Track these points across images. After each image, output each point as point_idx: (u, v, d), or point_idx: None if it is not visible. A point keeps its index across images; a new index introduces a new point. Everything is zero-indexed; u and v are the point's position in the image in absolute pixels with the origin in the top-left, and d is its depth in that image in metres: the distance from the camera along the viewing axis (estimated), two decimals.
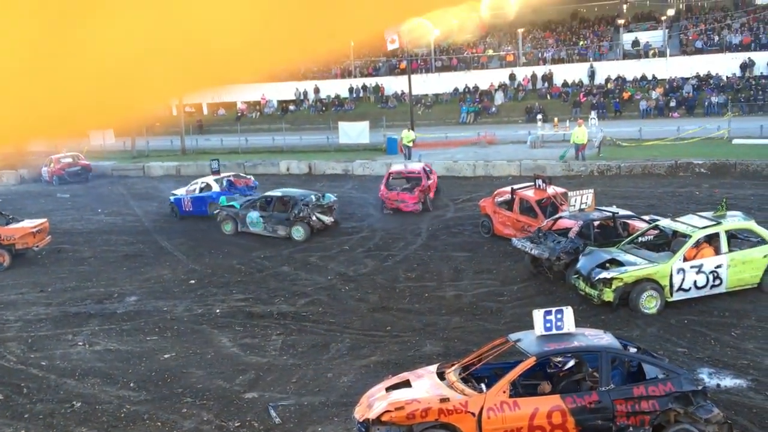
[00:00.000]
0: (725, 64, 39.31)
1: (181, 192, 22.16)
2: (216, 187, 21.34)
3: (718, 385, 8.83)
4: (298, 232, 17.91)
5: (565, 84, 42.70)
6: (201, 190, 21.54)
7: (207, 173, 23.51)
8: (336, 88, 49.40)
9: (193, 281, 15.05)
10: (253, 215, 18.49)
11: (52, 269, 16.62)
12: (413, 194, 20.60)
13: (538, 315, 7.92)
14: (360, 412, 7.64)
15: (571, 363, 8.12)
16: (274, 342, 11.36)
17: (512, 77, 44.60)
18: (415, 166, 22.82)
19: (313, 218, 17.97)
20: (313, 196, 18.66)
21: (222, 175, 22.20)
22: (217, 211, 19.17)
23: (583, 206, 14.28)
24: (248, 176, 22.84)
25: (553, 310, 7.96)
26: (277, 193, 19.42)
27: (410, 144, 28.92)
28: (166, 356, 10.99)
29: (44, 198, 26.91)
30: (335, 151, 33.49)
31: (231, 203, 19.27)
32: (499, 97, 43.60)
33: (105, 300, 13.98)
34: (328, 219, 18.33)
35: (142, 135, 38.55)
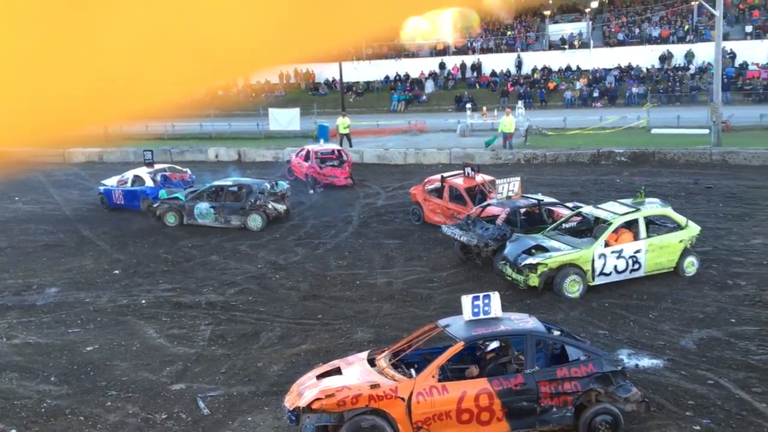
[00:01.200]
0: (645, 56, 40.80)
1: (111, 182, 20.81)
2: (149, 182, 20.05)
3: (637, 366, 9.22)
4: (255, 222, 17.52)
5: (493, 73, 43.42)
6: (133, 183, 20.28)
7: (131, 160, 22.73)
8: (266, 73, 48.68)
9: (117, 271, 14.61)
10: (203, 206, 17.90)
11: None
12: (344, 169, 22.46)
13: (466, 300, 8.07)
14: (290, 401, 7.61)
15: (494, 345, 8.29)
16: (202, 332, 11.17)
17: (442, 66, 45.00)
18: (332, 146, 24.53)
19: (269, 206, 17.66)
20: (267, 184, 18.34)
21: (156, 167, 20.90)
22: (157, 204, 18.45)
23: (510, 194, 14.59)
24: (185, 170, 21.65)
25: (481, 295, 8.12)
26: (227, 182, 18.86)
27: (347, 131, 28.84)
28: (89, 349, 10.65)
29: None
30: (265, 138, 33.06)
31: (174, 195, 18.57)
32: (429, 86, 43.96)
33: (23, 292, 13.41)
34: (281, 207, 18.07)
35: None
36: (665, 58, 40.32)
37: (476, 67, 44.12)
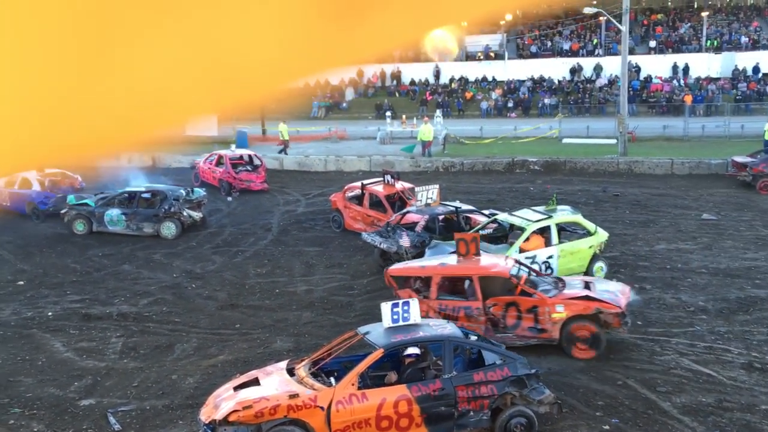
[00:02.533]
0: (557, 69, 42.31)
1: None
2: (36, 186, 19.16)
3: (549, 369, 9.50)
4: (169, 229, 16.98)
5: (412, 82, 43.99)
6: (19, 185, 19.30)
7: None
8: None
9: (21, 282, 13.89)
10: (113, 213, 17.22)
11: None
12: (259, 173, 22.42)
13: (385, 307, 8.11)
14: (206, 414, 7.43)
15: (410, 351, 8.36)
16: (113, 345, 10.76)
17: (360, 74, 45.25)
18: (245, 151, 24.55)
19: (184, 214, 17.15)
20: (182, 191, 17.82)
21: (47, 171, 19.66)
22: (65, 210, 17.60)
23: (429, 201, 14.80)
24: (75, 175, 20.52)
25: (400, 302, 8.19)
26: (140, 188, 18.22)
27: (287, 137, 28.51)
28: None
29: None
30: (181, 143, 32.20)
31: (83, 201, 17.76)
32: (349, 93, 44.08)
33: None
34: (197, 215, 17.58)
35: None
36: (575, 71, 41.94)
37: (396, 76, 44.58)
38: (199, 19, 0.81)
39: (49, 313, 12.09)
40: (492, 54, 44.94)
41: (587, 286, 10.34)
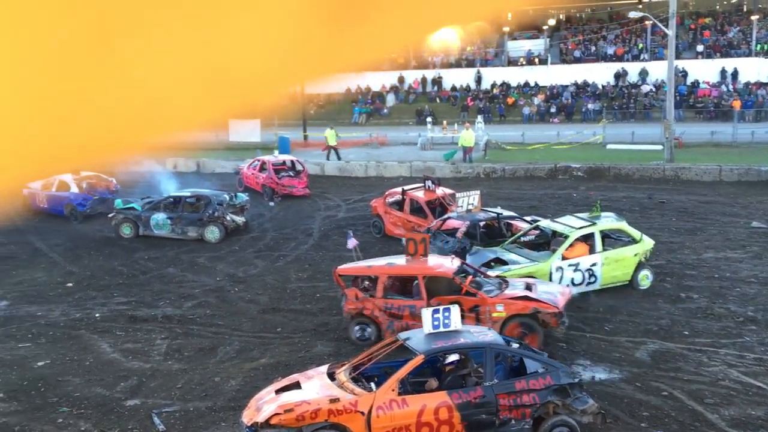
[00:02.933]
0: (601, 73, 41.77)
1: (35, 186, 20.23)
2: (74, 188, 19.93)
3: (593, 377, 9.34)
4: (213, 233, 17.26)
5: (453, 88, 43.90)
6: (57, 188, 20.10)
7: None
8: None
9: (70, 284, 14.26)
10: (159, 217, 17.56)
11: None
12: (301, 179, 22.53)
13: (426, 313, 8.09)
14: (248, 416, 7.51)
15: (453, 358, 8.33)
16: (158, 346, 10.96)
17: (401, 80, 45.31)
18: (287, 157, 24.62)
19: (228, 218, 17.41)
20: (226, 196, 18.12)
21: (82, 174, 20.35)
22: (113, 214, 18.06)
23: (469, 207, 14.73)
24: (110, 179, 21.25)
25: (441, 308, 8.15)
26: (185, 193, 18.57)
27: (335, 143, 28.59)
28: (40, 364, 10.35)
29: None
30: (225, 149, 32.76)
31: (130, 205, 18.19)
32: (390, 99, 44.21)
33: None
34: (240, 219, 17.84)
35: None
36: (620, 76, 41.32)
37: (437, 82, 44.55)
38: (203, 24, 0.82)
39: (97, 315, 12.38)
40: (535, 59, 44.56)
41: (528, 287, 10.61)
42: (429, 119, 36.14)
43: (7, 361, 10.45)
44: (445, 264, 10.95)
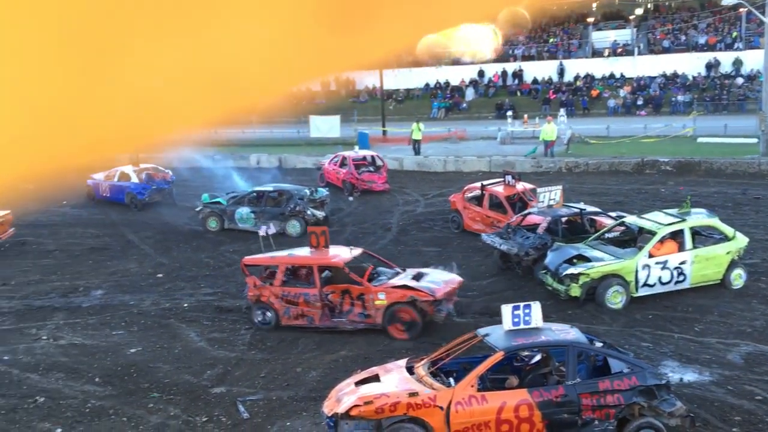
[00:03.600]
0: (691, 64, 40.00)
1: (98, 177, 22.73)
2: (134, 178, 22.04)
3: (681, 379, 9.00)
4: (294, 228, 17.64)
5: (534, 81, 43.07)
6: (119, 178, 22.35)
7: (174, 165, 23.42)
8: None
9: (160, 275, 14.87)
10: (243, 211, 18.12)
11: (15, 262, 16.29)
12: (381, 174, 22.68)
13: (506, 310, 7.99)
14: (329, 407, 7.64)
15: (538, 357, 8.21)
16: (242, 336, 11.29)
17: (481, 74, 44.83)
18: (366, 152, 24.60)
19: (308, 213, 17.78)
20: (307, 191, 18.51)
21: (141, 166, 22.56)
22: (200, 208, 18.78)
23: (551, 202, 14.45)
24: (166, 170, 23.10)
25: (521, 305, 8.03)
26: (268, 188, 19.06)
27: (420, 138, 28.57)
28: (132, 351, 10.86)
29: (5, 189, 26.31)
30: (306, 144, 33.33)
31: (216, 200, 18.86)
32: (469, 93, 43.82)
33: (70, 294, 13.74)
34: (320, 214, 18.17)
35: None
36: (712, 66, 39.48)
37: (517, 75, 43.83)
38: (204, 27, 0.82)
39: (185, 305, 12.87)
40: (621, 49, 43.17)
41: (416, 276, 11.38)
42: (509, 113, 35.60)
43: (103, 348, 11.01)
44: (340, 255, 11.71)
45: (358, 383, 7.86)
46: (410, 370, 8.01)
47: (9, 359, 10.61)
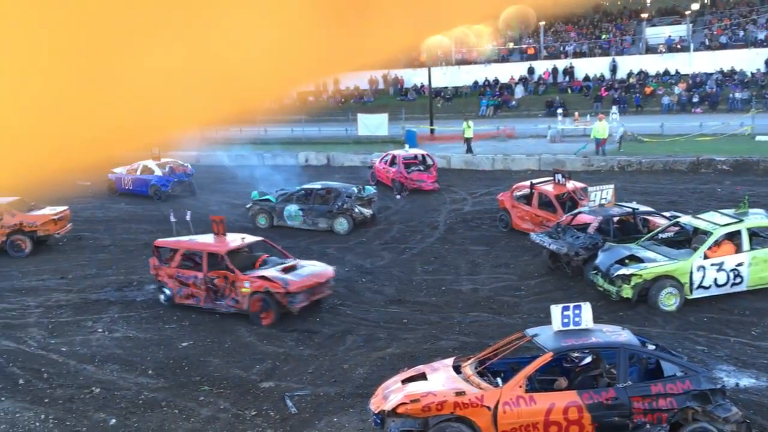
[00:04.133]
0: (750, 60, 38.72)
1: (120, 171, 24.09)
2: (157, 171, 23.59)
3: (737, 384, 8.74)
4: (342, 225, 17.78)
5: (586, 78, 42.33)
6: (141, 172, 23.76)
7: (225, 163, 23.90)
8: (355, 79, 49.33)
9: None
10: (292, 208, 18.33)
11: (72, 256, 16.81)
12: (431, 174, 22.45)
13: (555, 310, 7.88)
14: (376, 404, 7.66)
15: (588, 359, 8.08)
16: (290, 332, 11.41)
17: (531, 71, 44.29)
18: (417, 151, 24.31)
19: (356, 211, 17.88)
20: (354, 189, 18.62)
21: (163, 160, 24.02)
22: (250, 205, 19.07)
23: (603, 202, 14.19)
24: (186, 164, 24.80)
25: (571, 305, 7.91)
26: (316, 185, 19.23)
27: (471, 136, 28.18)
28: (184, 344, 11.09)
29: (66, 186, 27.18)
30: (354, 143, 33.49)
31: (265, 197, 19.12)
32: (519, 91, 43.34)
33: (124, 288, 14.11)
34: (368, 212, 18.25)
35: None
36: None
37: (568, 72, 43.16)
38: (208, 24, 0.82)
39: None
40: (676, 45, 42.08)
41: (289, 268, 12.27)
42: (559, 111, 35.07)
43: (156, 341, 11.28)
44: (228, 243, 12.70)
45: (405, 381, 7.86)
46: (457, 369, 7.98)
47: (66, 350, 10.95)
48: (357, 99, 46.89)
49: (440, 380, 7.73)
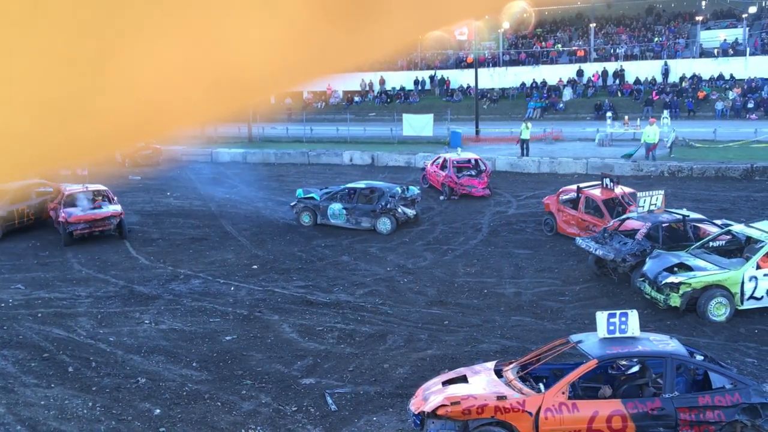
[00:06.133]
0: None
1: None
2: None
3: None
4: (385, 225, 17.82)
5: (637, 81, 41.55)
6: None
7: (271, 161, 24.10)
8: (401, 80, 49.40)
9: (255, 266, 15.34)
10: (335, 207, 18.42)
11: (122, 248, 17.19)
12: (482, 179, 21.78)
13: (601, 317, 7.75)
14: (415, 405, 7.65)
15: (635, 368, 7.92)
16: (332, 330, 11.48)
17: (580, 73, 43.66)
18: (469, 155, 23.70)
19: (399, 211, 17.90)
20: (398, 188, 18.64)
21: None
22: (294, 203, 19.26)
23: (652, 208, 13.90)
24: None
25: (618, 312, 7.78)
26: (360, 184, 19.31)
27: (527, 137, 27.59)
28: (227, 338, 11.25)
29: (117, 180, 27.85)
30: (398, 143, 33.51)
31: (309, 195, 19.29)
32: (567, 93, 42.78)
33: (171, 280, 14.39)
34: (411, 212, 18.23)
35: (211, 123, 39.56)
36: None
37: (618, 75, 42.42)
38: (204, 21, 0.81)
39: (278, 297, 13.22)
40: (731, 49, 40.97)
41: None
42: (609, 114, 34.49)
43: (200, 334, 11.47)
44: None
45: (446, 383, 7.83)
46: (498, 373, 7.91)
47: (114, 340, 11.23)
48: (402, 99, 46.86)
49: (481, 383, 7.68)
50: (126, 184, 25.01)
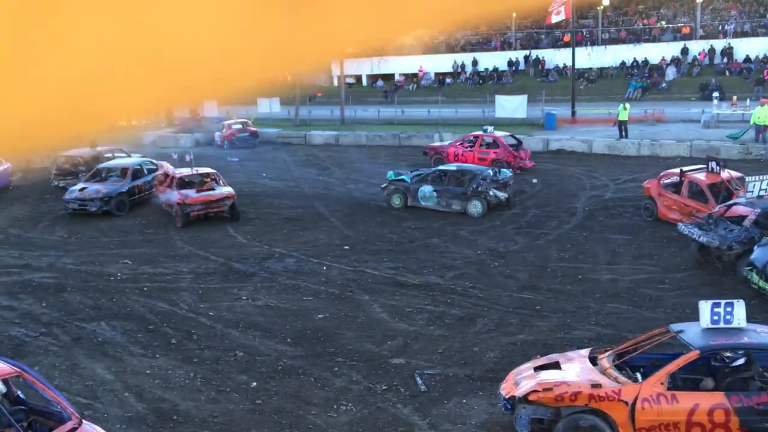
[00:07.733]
0: None
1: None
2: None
3: None
4: (476, 208, 17.72)
5: (747, 60, 39.11)
6: None
7: (363, 143, 24.29)
8: (495, 60, 48.58)
9: (347, 247, 15.58)
10: (426, 189, 18.47)
11: (222, 227, 17.85)
12: (526, 151, 24.01)
13: (705, 306, 7.40)
14: (506, 389, 7.58)
15: (740, 360, 7.53)
16: (421, 311, 11.53)
17: (685, 51, 41.53)
18: (501, 133, 24.56)
19: (490, 193, 17.76)
20: (490, 171, 18.47)
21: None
22: (385, 185, 19.41)
23: (762, 193, 13.12)
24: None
25: (723, 302, 7.40)
26: (451, 167, 19.30)
27: (626, 119, 26.60)
28: (320, 316, 11.51)
29: (216, 161, 28.90)
30: (491, 124, 32.98)
31: (400, 177, 19.39)
32: (671, 72, 40.84)
33: (267, 259, 14.83)
34: (503, 195, 18.03)
35: (305, 104, 40.44)
36: None
37: (726, 53, 40.08)
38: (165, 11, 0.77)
39: (369, 277, 13.38)
40: None
41: None
42: (715, 94, 32.68)
43: (294, 311, 11.79)
44: None
45: (538, 369, 7.71)
46: (593, 360, 7.71)
47: (214, 315, 11.71)
48: (495, 80, 46.04)
49: (575, 370, 7.51)
50: (225, 166, 25.88)
